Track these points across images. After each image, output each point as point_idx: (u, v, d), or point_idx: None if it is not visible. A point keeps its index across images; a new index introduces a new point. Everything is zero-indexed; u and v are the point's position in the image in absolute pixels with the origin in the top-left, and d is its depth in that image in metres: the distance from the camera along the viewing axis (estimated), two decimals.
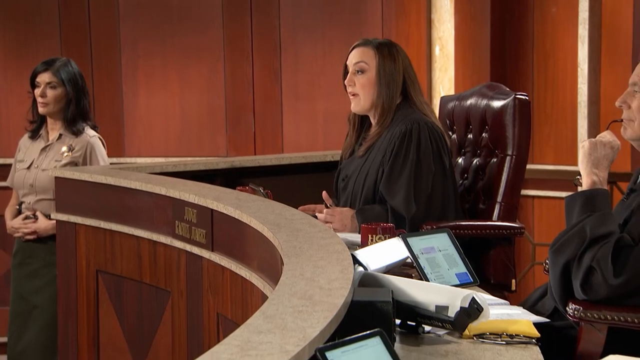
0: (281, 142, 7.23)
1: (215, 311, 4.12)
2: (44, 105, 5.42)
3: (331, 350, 2.23)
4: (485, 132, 4.71)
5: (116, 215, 4.68)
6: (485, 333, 2.80)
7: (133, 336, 4.67)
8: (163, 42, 7.29)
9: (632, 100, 3.36)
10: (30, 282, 5.42)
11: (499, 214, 4.53)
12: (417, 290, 2.86)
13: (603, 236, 3.18)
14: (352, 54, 4.60)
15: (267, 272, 3.53)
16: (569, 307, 3.17)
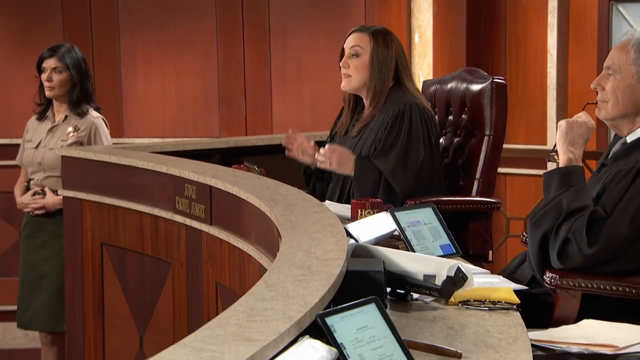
0: (271, 123, 7.23)
1: (214, 281, 4.12)
2: (50, 89, 5.42)
3: (331, 316, 2.24)
4: (464, 114, 4.72)
5: (119, 191, 4.68)
6: (470, 300, 2.81)
7: (136, 304, 4.68)
8: (160, 29, 7.28)
9: (606, 82, 3.37)
10: (39, 253, 5.42)
11: (478, 190, 4.54)
12: (406, 260, 2.87)
13: (578, 209, 3.20)
14: (349, 38, 4.60)
15: (263, 244, 3.54)
16: (546, 275, 3.20)
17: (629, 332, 2.85)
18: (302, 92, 7.19)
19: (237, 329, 2.10)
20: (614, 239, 3.15)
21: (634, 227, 3.15)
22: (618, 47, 3.39)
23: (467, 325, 2.68)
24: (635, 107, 3.33)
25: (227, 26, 7.23)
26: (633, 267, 3.17)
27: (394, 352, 2.29)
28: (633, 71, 3.31)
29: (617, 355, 2.71)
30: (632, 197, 3.17)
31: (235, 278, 3.91)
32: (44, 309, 5.38)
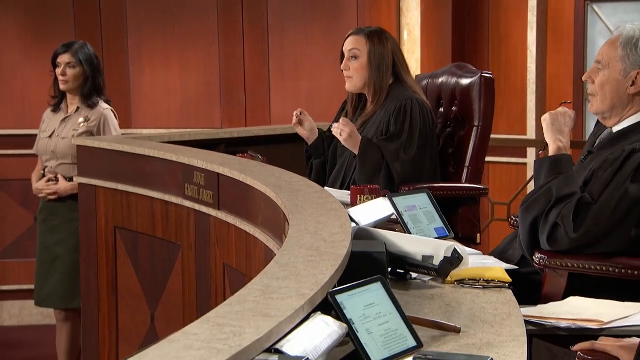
0: (269, 115, 7.23)
1: (221, 261, 4.12)
2: (64, 83, 5.42)
3: (341, 294, 2.25)
4: (454, 106, 4.73)
5: (132, 178, 4.67)
6: (465, 279, 2.82)
7: (147, 284, 4.68)
8: (165, 27, 7.27)
9: (596, 76, 3.35)
10: (53, 235, 5.42)
11: (467, 177, 4.56)
12: (405, 242, 2.88)
13: (567, 196, 3.20)
14: (347, 42, 4.61)
15: (270, 227, 3.54)
16: (536, 256, 3.20)
17: (612, 309, 2.87)
18: (299, 86, 7.19)
19: (255, 305, 2.10)
20: (600, 223, 3.16)
21: (618, 213, 3.16)
22: (608, 43, 3.37)
23: (463, 302, 2.69)
24: (622, 101, 3.32)
25: (228, 25, 7.23)
26: (616, 249, 3.18)
27: (399, 327, 2.30)
28: (620, 67, 3.30)
29: (603, 329, 2.72)
30: (617, 184, 3.17)
31: (242, 259, 3.91)
32: (58, 287, 5.38)
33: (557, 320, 2.78)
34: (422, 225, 3.37)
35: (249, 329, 1.93)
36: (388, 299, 2.34)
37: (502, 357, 2.23)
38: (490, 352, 2.26)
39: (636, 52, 3.27)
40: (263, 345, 1.92)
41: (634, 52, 3.28)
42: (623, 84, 3.30)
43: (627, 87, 3.30)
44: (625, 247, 3.19)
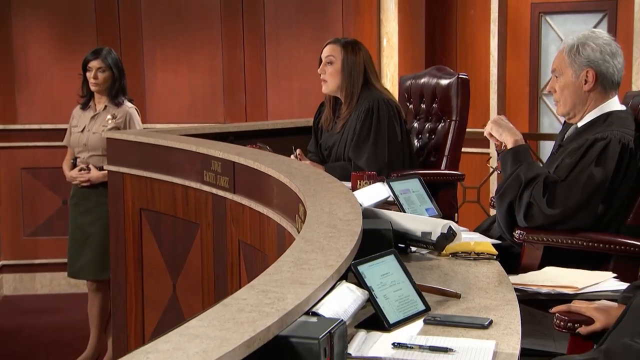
0: (266, 112, 7.22)
1: (237, 238, 4.12)
2: (95, 85, 5.40)
3: (361, 265, 2.27)
4: (435, 103, 4.74)
5: (155, 166, 4.66)
6: (458, 252, 2.84)
7: (169, 257, 4.67)
8: (175, 36, 7.24)
9: (555, 84, 3.41)
10: (85, 217, 5.40)
11: (446, 165, 4.57)
12: (406, 220, 2.90)
13: (533, 178, 3.25)
14: (324, 49, 4.61)
15: (282, 208, 3.54)
16: (515, 232, 3.23)
17: (583, 276, 2.89)
18: (292, 86, 7.19)
19: (290, 275, 2.11)
20: (570, 203, 3.20)
21: (585, 194, 3.19)
22: (557, 54, 3.45)
23: (458, 272, 2.71)
24: (581, 99, 3.36)
25: (229, 33, 7.21)
26: (584, 225, 3.21)
27: (410, 293, 2.33)
28: (571, 71, 3.36)
29: (577, 294, 2.75)
30: (582, 167, 3.21)
31: (256, 236, 3.91)
32: (90, 262, 5.37)
33: (538, 287, 2.81)
34: (415, 206, 3.38)
35: (289, 294, 1.95)
36: (400, 269, 2.36)
37: (499, 319, 2.26)
38: (488, 314, 2.29)
39: (579, 55, 3.33)
40: (302, 308, 1.93)
41: (577, 56, 3.33)
42: (578, 84, 3.34)
43: (581, 86, 3.34)
44: (592, 223, 3.23)
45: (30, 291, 7.21)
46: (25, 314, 6.73)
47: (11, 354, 5.88)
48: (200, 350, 1.62)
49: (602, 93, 3.34)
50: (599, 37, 3.36)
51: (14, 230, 7.21)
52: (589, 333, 2.40)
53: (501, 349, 2.05)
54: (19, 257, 7.20)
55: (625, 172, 3.21)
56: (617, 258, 3.15)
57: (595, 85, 3.32)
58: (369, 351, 2.03)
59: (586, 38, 3.35)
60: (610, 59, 3.32)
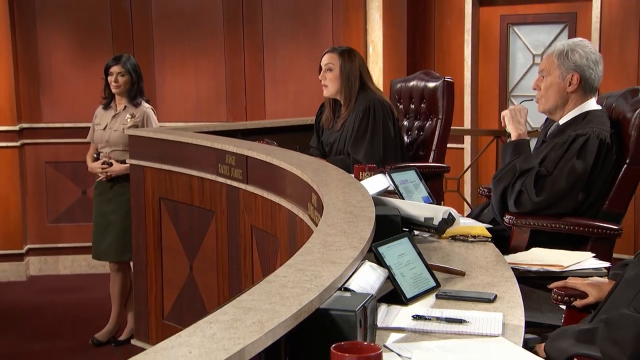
0: (264, 112, 7.20)
1: (249, 224, 4.11)
2: (116, 87, 5.38)
3: (381, 246, 2.29)
4: (423, 103, 4.74)
5: (173, 160, 4.65)
6: (457, 235, 2.86)
7: (186, 241, 4.66)
8: (182, 43, 7.21)
9: (541, 83, 3.43)
10: (107, 205, 5.37)
11: (433, 158, 4.57)
12: (410, 207, 2.91)
13: (527, 170, 3.26)
14: (323, 57, 4.60)
15: (294, 197, 3.54)
16: (506, 217, 3.25)
17: (567, 256, 2.91)
18: (288, 89, 7.18)
19: (321, 255, 2.12)
20: (554, 191, 3.22)
21: (568, 184, 3.22)
22: (546, 57, 3.45)
23: (459, 253, 2.73)
24: (563, 99, 3.39)
25: (231, 41, 7.19)
26: (566, 210, 3.24)
27: (423, 271, 2.34)
28: (558, 73, 3.37)
29: (563, 272, 2.77)
30: (566, 161, 3.23)
31: (268, 222, 3.91)
32: (112, 246, 5.35)
33: (528, 265, 2.82)
34: (412, 194, 3.39)
35: (324, 272, 1.96)
36: (413, 250, 2.38)
37: (502, 294, 2.28)
38: (492, 290, 2.31)
39: (567, 59, 3.34)
40: (337, 284, 1.95)
41: (565, 60, 3.35)
42: (562, 85, 3.37)
43: (565, 87, 3.36)
44: (573, 209, 3.25)
45: (53, 272, 7.18)
46: (51, 292, 6.71)
47: (40, 327, 5.86)
48: (256, 320, 1.64)
49: (582, 95, 3.37)
50: (586, 45, 3.38)
51: (39, 217, 7.19)
52: (583, 306, 2.42)
53: (508, 320, 2.07)
54: (44, 242, 7.18)
55: (602, 165, 3.24)
56: (595, 240, 3.18)
57: (578, 88, 3.35)
58: (393, 322, 2.04)
59: (575, 45, 3.37)
60: (594, 66, 3.35)
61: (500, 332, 1.97)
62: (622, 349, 1.86)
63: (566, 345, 1.96)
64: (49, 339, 5.60)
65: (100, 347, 5.44)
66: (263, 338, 1.57)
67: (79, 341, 5.53)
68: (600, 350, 1.90)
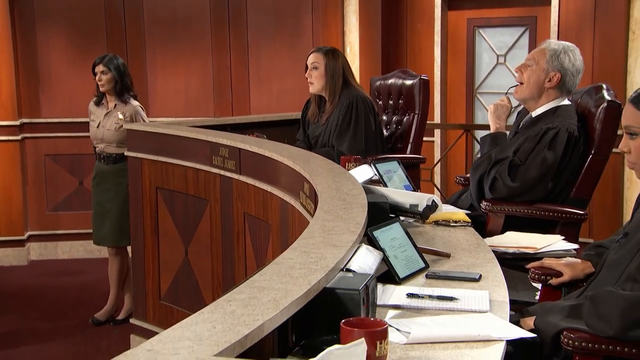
0: (249, 107, 7.19)
1: (242, 211, 4.10)
2: (101, 85, 5.33)
3: (376, 231, 2.30)
4: (401, 99, 4.75)
5: (169, 152, 4.60)
6: (439, 220, 2.87)
7: (182, 228, 4.63)
8: (173, 44, 7.18)
9: (526, 69, 3.42)
10: (104, 194, 5.35)
11: (411, 150, 4.59)
12: (396, 195, 2.92)
13: (502, 159, 3.28)
14: (309, 57, 4.60)
15: (286, 186, 3.53)
16: (483, 203, 3.28)
17: (539, 239, 2.94)
18: (271, 86, 7.17)
19: (322, 239, 2.13)
20: (527, 179, 3.25)
21: (539, 173, 3.25)
22: (539, 49, 3.44)
23: (442, 236, 2.74)
24: (539, 91, 3.40)
25: (218, 42, 7.17)
26: (538, 197, 3.28)
27: (413, 254, 2.36)
28: (544, 67, 3.38)
29: (537, 253, 2.80)
30: (537, 152, 3.26)
31: (260, 209, 3.90)
32: (110, 232, 5.33)
33: (504, 248, 2.85)
34: (395, 183, 3.40)
35: (328, 255, 1.97)
36: (404, 234, 2.39)
37: (485, 273, 2.30)
38: (476, 270, 2.33)
39: (557, 60, 3.36)
40: (339, 266, 1.96)
41: (555, 60, 3.36)
42: (543, 78, 3.38)
43: (545, 81, 3.38)
44: (544, 196, 3.29)
45: (53, 257, 7.14)
46: (51, 275, 6.67)
47: (43, 308, 5.83)
48: (271, 299, 1.64)
49: (557, 94, 3.39)
50: (577, 54, 3.40)
51: (39, 206, 7.13)
52: (558, 284, 2.45)
53: (494, 297, 2.09)
54: (43, 229, 7.13)
55: (570, 155, 3.28)
56: (563, 224, 3.22)
57: (555, 87, 3.37)
58: (389, 300, 2.06)
59: (568, 49, 3.38)
60: (576, 74, 3.38)
61: (488, 308, 1.99)
62: (608, 323, 1.89)
63: (556, 320, 1.99)
64: (51, 319, 5.58)
65: (100, 326, 5.43)
66: (279, 314, 1.58)
67: (80, 320, 5.51)
68: (587, 324, 1.93)
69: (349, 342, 1.51)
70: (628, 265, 1.99)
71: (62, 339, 5.19)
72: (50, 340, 5.19)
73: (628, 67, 5.91)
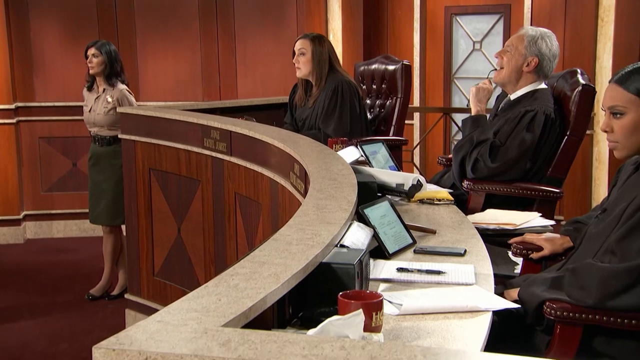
0: (236, 92, 7.16)
1: (233, 191, 4.09)
2: (91, 68, 5.29)
3: (366, 208, 2.31)
4: (384, 84, 4.76)
5: (162, 135, 4.58)
6: (424, 199, 2.89)
7: (174, 206, 4.62)
8: (162, 31, 7.13)
9: (505, 54, 3.42)
10: (99, 175, 5.32)
11: (394, 132, 4.60)
12: (383, 174, 2.94)
13: (483, 141, 3.29)
14: (296, 43, 4.59)
15: (275, 167, 3.52)
16: (464, 183, 3.29)
17: (518, 216, 2.97)
18: (256, 72, 7.14)
19: (316, 217, 2.14)
20: (507, 160, 3.27)
21: (518, 153, 3.27)
22: (517, 35, 3.44)
23: (427, 214, 2.76)
24: (517, 75, 3.41)
25: (206, 29, 7.12)
26: (516, 176, 3.30)
27: (401, 230, 2.37)
28: (522, 52, 3.39)
29: (516, 229, 2.83)
30: (516, 134, 3.28)
31: (250, 189, 3.90)
32: (104, 211, 5.32)
33: (485, 224, 2.87)
34: (381, 164, 3.41)
35: (323, 231, 1.98)
36: (393, 212, 2.40)
37: (470, 248, 2.32)
38: (460, 245, 2.35)
39: (535, 45, 3.37)
40: (334, 242, 1.97)
41: (533, 45, 3.38)
42: (521, 63, 3.39)
43: (523, 66, 3.39)
44: (522, 175, 3.31)
45: (48, 235, 7.10)
46: (47, 253, 6.64)
47: (40, 284, 5.81)
48: (271, 273, 1.65)
49: (534, 77, 3.41)
50: (553, 40, 3.41)
51: (34, 187, 7.09)
52: (539, 258, 2.48)
53: (478, 270, 2.11)
54: (38, 208, 7.09)
55: (547, 136, 3.30)
56: (540, 201, 3.25)
57: (533, 71, 3.39)
58: (380, 274, 2.07)
59: (545, 35, 3.39)
60: (552, 59, 3.40)
61: (474, 281, 2.01)
62: (587, 293, 1.92)
63: (539, 291, 2.01)
64: (48, 294, 5.56)
65: (95, 300, 5.42)
66: (280, 287, 1.59)
67: (76, 296, 5.50)
68: (568, 294, 1.95)
69: (347, 313, 1.52)
70: (607, 239, 2.01)
71: (60, 313, 5.18)
72: (48, 314, 5.18)
73: (597, 52, 5.94)
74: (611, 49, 5.78)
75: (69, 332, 4.86)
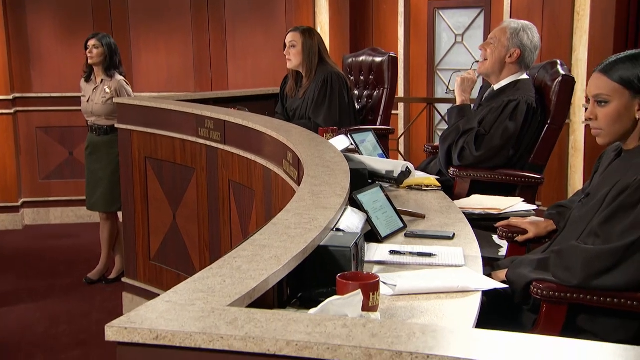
0: (227, 83, 7.14)
1: (227, 178, 4.08)
2: (91, 58, 5.27)
3: (359, 194, 2.32)
4: (371, 75, 4.76)
5: (157, 124, 4.55)
6: (413, 185, 2.91)
7: (170, 194, 4.61)
8: (155, 24, 7.10)
9: (488, 47, 3.43)
10: (96, 164, 5.30)
11: (381, 122, 4.61)
12: (373, 162, 2.94)
13: (469, 130, 3.30)
14: (287, 35, 4.58)
15: (268, 155, 3.52)
16: (451, 170, 3.30)
17: (502, 201, 2.98)
18: (247, 64, 7.12)
19: (312, 202, 2.14)
20: (491, 147, 3.28)
21: (502, 141, 3.28)
22: (500, 27, 3.44)
23: (416, 200, 2.77)
24: (501, 66, 3.42)
25: (198, 22, 7.09)
26: (500, 164, 3.31)
27: (392, 215, 2.38)
28: (505, 44, 3.40)
29: (501, 214, 2.85)
30: (500, 123, 3.29)
31: (244, 176, 3.89)
32: (101, 198, 5.30)
33: (471, 209, 2.89)
34: (370, 152, 3.42)
35: (319, 216, 1.98)
36: (384, 197, 2.41)
37: (458, 232, 2.33)
38: (449, 229, 2.36)
39: (517, 37, 3.38)
40: (330, 226, 1.97)
41: (515, 37, 3.38)
42: (504, 54, 3.40)
43: (506, 57, 3.40)
44: (505, 162, 3.32)
45: (45, 222, 7.08)
46: (45, 238, 6.62)
47: (39, 268, 5.79)
48: (272, 255, 1.66)
49: (516, 68, 3.42)
50: (535, 32, 3.42)
51: (32, 175, 7.06)
52: (524, 241, 2.49)
53: (467, 253, 2.13)
54: (36, 196, 7.06)
55: (529, 125, 3.31)
56: (522, 187, 3.27)
57: (515, 62, 3.40)
58: (373, 257, 2.08)
59: (526, 27, 3.40)
60: (534, 50, 3.41)
61: (463, 262, 2.03)
62: (572, 273, 1.94)
63: (526, 272, 2.03)
64: (47, 278, 5.54)
65: (93, 284, 5.41)
66: (281, 269, 1.59)
67: (74, 279, 5.49)
68: (553, 275, 1.97)
69: (346, 294, 1.53)
70: (590, 222, 2.03)
71: (58, 297, 5.17)
72: (47, 297, 5.16)
73: (573, 45, 5.97)
74: (587, 41, 5.81)
75: (68, 315, 4.85)
